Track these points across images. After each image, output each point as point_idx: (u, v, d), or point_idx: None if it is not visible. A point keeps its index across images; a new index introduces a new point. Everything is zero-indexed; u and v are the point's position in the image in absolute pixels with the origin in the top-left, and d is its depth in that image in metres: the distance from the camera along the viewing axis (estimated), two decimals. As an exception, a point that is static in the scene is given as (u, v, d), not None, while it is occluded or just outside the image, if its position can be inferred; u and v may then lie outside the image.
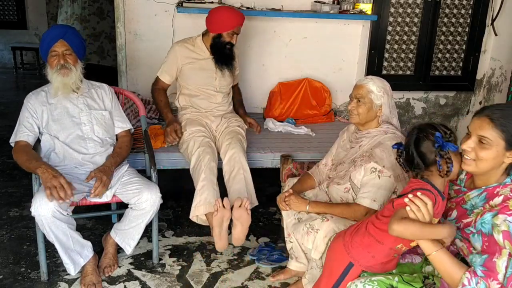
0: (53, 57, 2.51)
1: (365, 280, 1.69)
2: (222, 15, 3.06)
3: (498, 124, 1.51)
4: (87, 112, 2.61)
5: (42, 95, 2.58)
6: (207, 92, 3.19)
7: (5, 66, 8.15)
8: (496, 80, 4.22)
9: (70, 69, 2.51)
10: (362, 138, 2.31)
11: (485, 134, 1.53)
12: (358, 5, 3.93)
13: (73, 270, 2.42)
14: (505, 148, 1.52)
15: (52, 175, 2.26)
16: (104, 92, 2.72)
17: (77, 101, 2.60)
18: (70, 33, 2.55)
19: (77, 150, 2.54)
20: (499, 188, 1.54)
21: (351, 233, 1.87)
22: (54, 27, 2.64)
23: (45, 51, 2.53)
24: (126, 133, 2.76)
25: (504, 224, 1.44)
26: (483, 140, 1.53)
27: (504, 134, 1.51)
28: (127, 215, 2.53)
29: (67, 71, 2.50)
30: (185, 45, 3.17)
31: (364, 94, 2.24)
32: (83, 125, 2.58)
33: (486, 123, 1.53)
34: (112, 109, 2.72)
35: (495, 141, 1.52)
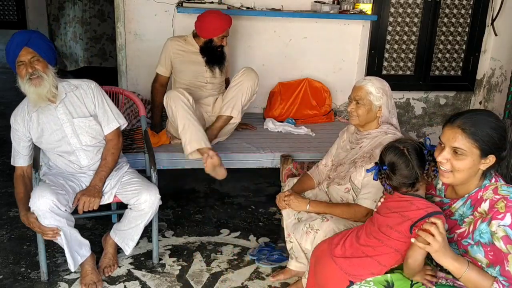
0: (20, 67, 2.30)
1: (360, 282, 1.69)
2: (212, 21, 3.17)
3: (470, 134, 1.51)
4: (70, 122, 2.43)
5: (24, 112, 2.44)
6: (198, 83, 3.32)
7: (5, 66, 8.13)
8: (496, 80, 4.22)
9: (41, 77, 2.30)
10: (363, 139, 2.31)
11: (459, 145, 1.52)
12: (358, 5, 3.93)
13: (73, 266, 2.43)
14: (480, 156, 1.52)
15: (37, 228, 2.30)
16: (84, 92, 2.49)
17: (57, 112, 2.42)
18: (33, 37, 2.32)
19: (70, 159, 2.51)
20: (481, 192, 1.55)
21: (341, 248, 1.82)
22: (16, 34, 2.35)
23: (12, 62, 2.33)
24: (113, 136, 2.57)
25: (500, 230, 1.44)
26: (457, 151, 1.53)
27: (478, 143, 1.51)
28: (126, 216, 2.53)
29: (39, 80, 2.29)
30: (177, 40, 3.36)
31: (363, 95, 2.24)
32: (70, 137, 2.45)
33: (458, 134, 1.52)
34: (96, 109, 2.52)
35: (470, 150, 1.51)
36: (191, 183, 3.74)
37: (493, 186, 1.54)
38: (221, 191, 3.64)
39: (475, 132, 1.50)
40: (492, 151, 1.52)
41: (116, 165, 2.59)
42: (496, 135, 1.51)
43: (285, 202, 2.38)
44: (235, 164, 3.15)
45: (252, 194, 3.62)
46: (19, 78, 2.34)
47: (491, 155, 1.52)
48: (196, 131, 2.90)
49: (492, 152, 1.52)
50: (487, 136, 1.50)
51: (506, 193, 1.49)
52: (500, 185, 1.53)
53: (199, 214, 3.28)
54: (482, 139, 1.50)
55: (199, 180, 3.77)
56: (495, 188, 1.52)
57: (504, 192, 1.50)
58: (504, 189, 1.51)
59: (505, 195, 1.48)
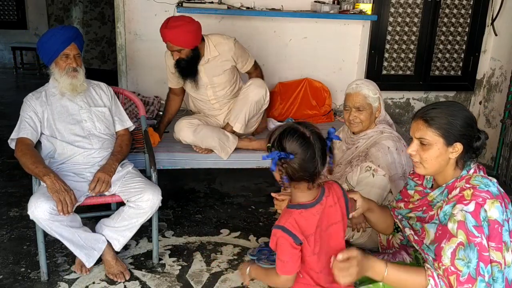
0: (62, 59, 2.53)
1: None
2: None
3: (432, 123, 1.55)
4: (87, 109, 2.62)
5: (42, 96, 2.58)
6: (202, 97, 3.26)
7: (5, 66, 8.15)
8: (496, 80, 4.22)
9: (78, 71, 2.55)
10: (359, 140, 2.31)
11: (423, 135, 1.57)
12: (358, 5, 3.93)
13: (88, 263, 2.45)
14: (445, 144, 1.55)
15: (63, 188, 2.29)
16: (102, 90, 2.74)
17: (77, 99, 2.61)
18: (78, 35, 2.61)
19: (81, 146, 2.54)
20: (457, 182, 1.57)
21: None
22: (64, 29, 2.62)
23: (55, 52, 2.53)
24: (125, 132, 2.77)
25: (460, 214, 1.46)
26: (423, 142, 1.57)
27: (440, 131, 1.54)
28: (121, 212, 2.50)
29: (76, 74, 2.54)
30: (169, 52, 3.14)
31: (362, 101, 2.23)
32: (84, 122, 2.59)
33: (421, 125, 1.58)
34: (111, 106, 2.73)
35: (434, 139, 1.55)
36: (191, 183, 3.74)
37: (468, 176, 1.56)
38: (221, 191, 3.64)
39: (437, 121, 1.55)
40: (457, 139, 1.55)
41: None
42: (458, 123, 1.54)
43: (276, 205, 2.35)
44: (235, 164, 3.15)
45: (252, 194, 3.62)
46: (55, 68, 2.55)
47: (457, 143, 1.55)
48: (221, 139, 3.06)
49: (457, 140, 1.55)
50: (448, 124, 1.54)
51: (476, 183, 1.51)
52: (475, 176, 1.55)
53: (199, 214, 3.28)
54: (443, 127, 1.54)
55: (199, 180, 3.77)
56: (469, 178, 1.54)
57: (475, 182, 1.51)
58: (476, 180, 1.52)
59: (475, 184, 1.50)
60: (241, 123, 3.11)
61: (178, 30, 2.92)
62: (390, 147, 2.18)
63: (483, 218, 1.44)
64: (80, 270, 2.54)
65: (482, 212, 1.44)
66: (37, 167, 2.36)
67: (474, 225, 1.44)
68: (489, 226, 1.44)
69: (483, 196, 1.46)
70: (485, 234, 1.44)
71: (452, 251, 1.46)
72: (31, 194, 2.41)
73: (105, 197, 2.52)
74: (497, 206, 1.45)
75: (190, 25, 2.95)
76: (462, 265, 1.44)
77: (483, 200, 1.45)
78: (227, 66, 3.17)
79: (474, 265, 1.43)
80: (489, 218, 1.44)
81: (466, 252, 1.44)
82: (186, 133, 3.06)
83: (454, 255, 1.45)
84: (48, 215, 2.24)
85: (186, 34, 2.94)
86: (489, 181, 1.52)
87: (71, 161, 2.51)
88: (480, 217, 1.44)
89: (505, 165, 3.38)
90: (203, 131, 3.06)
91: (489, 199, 1.45)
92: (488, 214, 1.44)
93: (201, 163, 3.12)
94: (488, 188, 1.48)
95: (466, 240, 1.44)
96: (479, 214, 1.44)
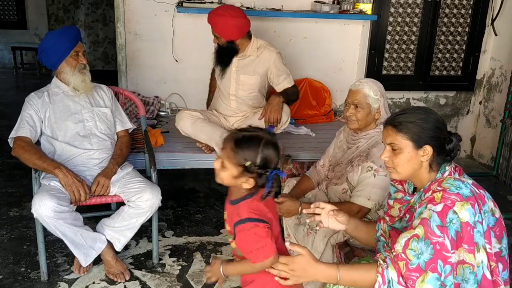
0: (73, 57, 2.57)
1: None
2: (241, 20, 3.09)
3: (401, 128, 1.58)
4: (89, 109, 2.64)
5: (44, 95, 2.59)
6: (225, 91, 3.26)
7: (5, 66, 8.15)
8: (496, 80, 4.22)
9: (86, 68, 2.62)
10: (360, 139, 2.31)
11: (393, 140, 1.60)
12: (358, 5, 3.93)
13: (84, 262, 2.45)
14: (415, 148, 1.58)
15: (76, 179, 2.36)
16: (104, 92, 2.76)
17: (79, 99, 2.63)
18: (81, 34, 2.68)
19: (80, 147, 2.54)
20: (432, 185, 1.58)
21: None
22: (70, 28, 2.68)
23: (65, 51, 2.56)
24: (125, 133, 2.78)
25: (427, 212, 1.48)
26: (394, 147, 1.60)
27: (408, 135, 1.57)
28: (121, 212, 2.51)
29: (85, 71, 2.61)
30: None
31: (361, 99, 2.23)
32: (86, 122, 2.60)
33: (390, 130, 1.61)
34: (112, 107, 2.74)
35: (403, 144, 1.58)
36: (191, 183, 3.74)
37: (442, 179, 1.57)
38: (221, 191, 3.64)
39: (405, 125, 1.58)
40: (427, 142, 1.57)
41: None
42: (426, 126, 1.57)
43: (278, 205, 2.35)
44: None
45: (252, 194, 3.62)
46: (66, 67, 2.57)
47: (426, 146, 1.57)
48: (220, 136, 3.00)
49: (426, 143, 1.57)
50: (415, 127, 1.57)
51: (447, 185, 1.51)
52: (448, 178, 1.55)
53: (199, 214, 3.28)
54: (411, 131, 1.57)
55: (199, 180, 3.77)
56: (442, 181, 1.55)
57: (446, 184, 1.52)
58: (448, 182, 1.53)
59: (446, 187, 1.50)
60: None
61: (220, 19, 3.01)
62: (392, 148, 2.18)
63: (449, 220, 1.44)
64: (78, 271, 2.54)
65: (450, 214, 1.44)
66: (44, 162, 2.39)
67: (438, 224, 1.44)
68: (461, 228, 1.44)
69: (452, 198, 1.46)
70: (449, 235, 1.44)
71: (406, 240, 1.48)
72: (31, 194, 2.41)
73: (105, 197, 2.52)
74: (468, 208, 1.45)
75: (234, 19, 3.01)
76: (412, 255, 1.46)
77: (452, 203, 1.45)
78: (259, 71, 3.17)
79: (425, 258, 1.45)
80: (461, 221, 1.44)
81: (419, 244, 1.45)
82: (185, 123, 3.10)
83: (407, 245, 1.48)
84: (53, 213, 2.25)
85: (226, 25, 3.01)
86: (462, 183, 1.51)
87: (70, 163, 2.51)
88: (447, 218, 1.44)
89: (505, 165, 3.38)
90: (201, 125, 3.07)
91: (458, 202, 1.45)
92: (459, 216, 1.44)
93: (201, 163, 3.12)
94: (459, 191, 1.48)
95: (423, 235, 1.46)
96: (446, 215, 1.44)
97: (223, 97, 3.28)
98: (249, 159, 1.50)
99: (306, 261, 1.55)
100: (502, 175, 3.36)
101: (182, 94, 3.93)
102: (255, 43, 3.16)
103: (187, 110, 3.22)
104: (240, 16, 3.05)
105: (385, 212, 1.85)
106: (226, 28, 3.02)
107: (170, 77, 3.92)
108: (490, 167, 3.88)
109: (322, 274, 1.55)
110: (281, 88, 3.16)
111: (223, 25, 3.01)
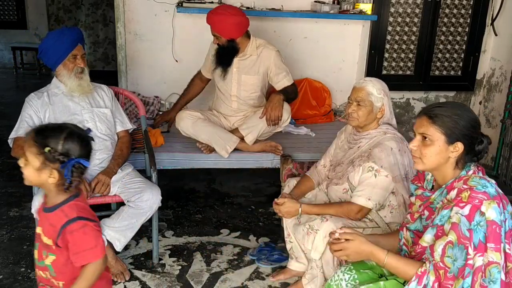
0: (71, 60, 2.54)
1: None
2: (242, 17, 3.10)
3: (436, 120, 1.57)
4: (89, 110, 2.63)
5: (44, 95, 2.59)
6: (226, 92, 3.24)
7: (5, 66, 8.15)
8: (496, 80, 4.22)
9: (84, 72, 2.58)
10: (361, 139, 2.31)
11: (426, 131, 1.59)
12: (358, 5, 3.93)
13: None
14: (447, 143, 1.57)
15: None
16: (104, 92, 2.75)
17: (79, 99, 2.62)
18: (82, 37, 2.64)
19: None
20: (456, 182, 1.58)
21: None
22: (71, 29, 2.66)
23: (63, 53, 2.54)
24: (125, 133, 2.78)
25: (455, 217, 1.48)
26: (425, 137, 1.60)
27: (442, 129, 1.56)
28: (121, 212, 2.51)
29: (82, 75, 2.57)
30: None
31: (364, 96, 2.23)
32: (86, 122, 2.58)
33: (425, 121, 1.60)
34: (112, 108, 2.74)
35: (435, 136, 1.57)
36: (191, 183, 3.74)
37: (466, 177, 1.57)
38: (221, 191, 3.64)
39: (441, 118, 1.57)
40: (459, 138, 1.56)
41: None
42: (462, 123, 1.56)
43: (276, 209, 2.36)
44: (235, 164, 3.15)
45: (252, 194, 3.62)
46: (63, 70, 2.55)
47: (458, 142, 1.56)
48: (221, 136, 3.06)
49: (459, 139, 1.56)
50: (451, 122, 1.56)
51: (474, 184, 1.51)
52: (473, 176, 1.56)
53: (199, 214, 3.28)
54: (446, 125, 1.56)
55: (199, 180, 3.78)
56: (467, 179, 1.55)
57: (473, 183, 1.52)
58: (474, 180, 1.53)
59: (472, 185, 1.50)
60: (253, 136, 3.09)
61: (219, 18, 3.03)
62: (393, 148, 2.18)
63: (477, 222, 1.45)
64: None
65: (477, 216, 1.45)
66: None
67: (468, 228, 1.45)
68: (487, 227, 1.45)
69: (479, 197, 1.46)
70: (475, 238, 1.45)
71: (442, 247, 1.50)
72: (31, 194, 2.41)
73: (105, 197, 2.52)
74: (494, 207, 1.45)
75: (233, 17, 3.04)
76: (450, 262, 1.49)
77: (479, 202, 1.46)
78: (260, 70, 3.17)
79: (458, 265, 1.47)
80: (487, 220, 1.44)
81: (454, 251, 1.47)
82: (185, 123, 3.11)
83: (444, 253, 1.49)
84: None
85: (225, 24, 3.03)
86: (487, 182, 1.52)
87: None
88: (474, 220, 1.45)
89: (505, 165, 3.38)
90: (202, 125, 3.08)
91: (486, 200, 1.46)
92: (486, 215, 1.45)
93: (201, 163, 3.12)
94: (486, 189, 1.48)
95: (456, 240, 1.47)
96: (473, 218, 1.45)
97: (224, 98, 3.28)
98: (49, 146, 1.44)
99: (358, 244, 1.67)
100: (502, 175, 3.36)
101: (182, 94, 3.93)
102: (254, 42, 3.17)
103: (187, 111, 3.22)
104: (239, 14, 3.07)
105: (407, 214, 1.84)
106: (225, 27, 3.03)
107: (170, 77, 3.92)
108: (490, 167, 3.88)
109: (372, 254, 1.65)
110: (280, 87, 3.16)
111: (222, 23, 3.03)
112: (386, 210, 2.23)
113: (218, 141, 3.04)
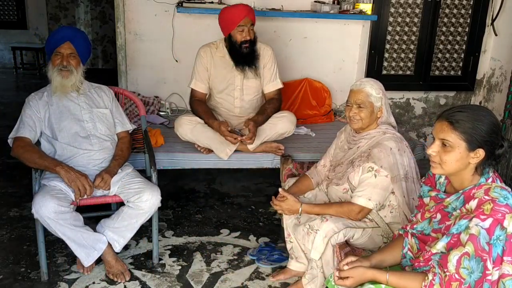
0: (56, 57, 2.54)
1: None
2: (224, 13, 3.06)
3: (458, 126, 1.53)
4: (89, 110, 2.63)
5: (44, 95, 2.59)
6: (229, 98, 3.19)
7: (5, 66, 8.15)
8: (496, 80, 4.22)
9: (71, 71, 2.54)
10: (361, 140, 2.31)
11: (446, 137, 1.55)
12: (358, 5, 3.93)
13: (86, 262, 2.45)
14: (467, 149, 1.53)
15: (78, 175, 2.37)
16: (104, 93, 2.75)
17: (78, 99, 2.62)
18: (78, 37, 2.60)
19: (81, 147, 2.54)
20: (475, 190, 1.55)
21: None
22: (64, 28, 2.67)
23: (50, 50, 2.58)
24: (125, 134, 2.77)
25: (475, 228, 1.45)
26: (445, 143, 1.55)
27: (464, 135, 1.52)
28: (120, 213, 2.51)
29: (68, 74, 2.53)
30: (208, 47, 3.17)
31: (364, 98, 2.23)
32: (85, 123, 2.59)
33: (445, 126, 1.55)
34: (112, 108, 2.74)
35: (456, 143, 1.53)
36: (191, 183, 3.74)
37: (487, 186, 1.54)
38: (221, 191, 3.64)
39: (462, 124, 1.52)
40: (481, 145, 1.53)
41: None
42: (484, 128, 1.52)
43: (276, 205, 2.36)
44: (235, 164, 3.16)
45: (252, 194, 3.62)
46: (50, 64, 2.56)
47: (479, 149, 1.53)
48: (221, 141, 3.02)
49: (480, 146, 1.53)
50: (473, 129, 1.52)
51: (496, 195, 1.48)
52: (494, 186, 1.53)
53: (199, 214, 3.28)
54: (468, 131, 1.52)
55: (199, 180, 3.77)
56: (488, 189, 1.52)
57: (495, 194, 1.49)
58: (496, 192, 1.50)
59: (495, 197, 1.48)
60: (256, 145, 3.06)
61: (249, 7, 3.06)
62: (393, 148, 2.18)
63: (497, 237, 1.43)
64: (82, 269, 2.54)
65: (497, 230, 1.43)
66: (45, 160, 2.41)
67: (487, 241, 1.43)
68: (506, 241, 1.43)
69: (502, 211, 1.44)
70: (494, 252, 1.43)
71: (457, 258, 1.46)
72: (31, 194, 2.41)
73: (105, 197, 2.52)
74: None
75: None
76: (466, 274, 1.45)
77: (502, 216, 1.43)
78: (259, 72, 3.15)
79: (475, 277, 1.44)
80: (507, 234, 1.42)
81: (471, 262, 1.44)
82: (184, 129, 3.08)
83: (459, 263, 1.46)
84: (53, 213, 2.26)
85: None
86: (508, 193, 1.50)
87: (71, 163, 2.50)
88: (494, 235, 1.43)
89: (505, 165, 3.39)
90: (202, 130, 3.06)
91: (508, 214, 1.44)
92: (508, 230, 1.43)
93: (201, 163, 3.12)
94: (507, 201, 1.46)
95: (473, 252, 1.44)
96: (494, 232, 1.43)
97: (225, 107, 3.24)
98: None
99: (361, 272, 1.65)
100: (502, 175, 3.36)
101: (182, 94, 3.93)
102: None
103: (185, 116, 3.14)
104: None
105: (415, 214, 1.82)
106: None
107: (170, 77, 3.92)
108: (490, 167, 3.88)
109: (375, 278, 1.64)
110: (268, 90, 3.19)
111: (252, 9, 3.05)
112: (386, 210, 2.23)
113: (218, 145, 3.03)
